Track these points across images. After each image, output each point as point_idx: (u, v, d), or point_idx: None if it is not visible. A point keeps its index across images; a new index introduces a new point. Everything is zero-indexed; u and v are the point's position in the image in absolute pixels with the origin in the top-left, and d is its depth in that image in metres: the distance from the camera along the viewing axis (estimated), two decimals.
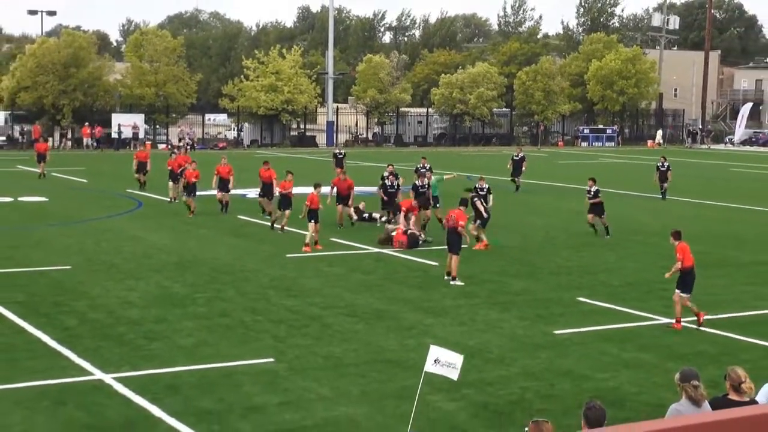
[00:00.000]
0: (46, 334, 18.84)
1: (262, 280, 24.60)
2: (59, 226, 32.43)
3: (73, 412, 14.49)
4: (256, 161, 66.61)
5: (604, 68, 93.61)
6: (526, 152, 52.06)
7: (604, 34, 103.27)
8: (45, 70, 78.68)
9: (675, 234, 20.66)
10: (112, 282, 23.91)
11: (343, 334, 19.32)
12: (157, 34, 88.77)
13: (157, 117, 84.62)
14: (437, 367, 12.39)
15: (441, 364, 12.38)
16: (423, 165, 37.54)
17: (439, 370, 12.41)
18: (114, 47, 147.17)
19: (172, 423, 14.07)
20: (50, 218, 33.95)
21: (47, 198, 41.51)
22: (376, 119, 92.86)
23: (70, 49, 79.97)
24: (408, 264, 27.15)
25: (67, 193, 44.18)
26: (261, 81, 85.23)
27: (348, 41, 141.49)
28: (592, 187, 32.30)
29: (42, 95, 78.54)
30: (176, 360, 17.34)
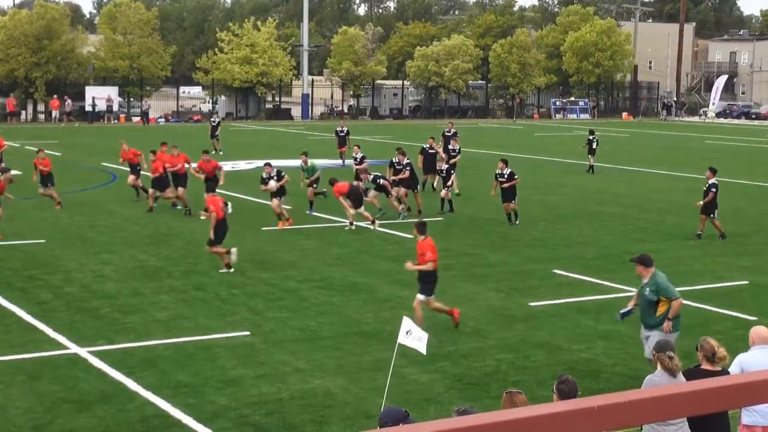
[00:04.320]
0: (20, 308, 18.77)
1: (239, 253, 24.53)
2: (33, 199, 32.21)
3: (48, 386, 14.46)
4: (230, 134, 66.52)
5: (579, 40, 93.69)
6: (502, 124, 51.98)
7: (580, 6, 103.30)
8: (17, 42, 77.99)
9: (419, 227, 17.47)
10: (86, 256, 23.82)
11: (318, 307, 19.33)
12: (131, 5, 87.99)
13: (131, 90, 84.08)
14: (409, 338, 12.41)
15: (412, 336, 12.41)
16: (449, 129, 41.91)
17: (410, 342, 12.43)
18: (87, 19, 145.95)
19: (148, 396, 14.05)
20: (23, 191, 33.66)
21: (20, 171, 41.22)
22: (352, 92, 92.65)
23: (43, 21, 79.24)
24: (384, 237, 27.16)
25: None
26: (236, 53, 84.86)
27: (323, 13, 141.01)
28: (504, 170, 29.28)
29: (14, 68, 77.89)
30: (152, 333, 17.31)
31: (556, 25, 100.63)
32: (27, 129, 70.19)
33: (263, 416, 13.37)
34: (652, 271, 14.24)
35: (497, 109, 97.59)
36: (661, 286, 14.06)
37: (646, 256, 14.62)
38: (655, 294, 14.06)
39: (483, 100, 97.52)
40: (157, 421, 13.10)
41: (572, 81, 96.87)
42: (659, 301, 14.07)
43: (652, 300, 14.09)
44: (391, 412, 9.14)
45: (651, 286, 14.11)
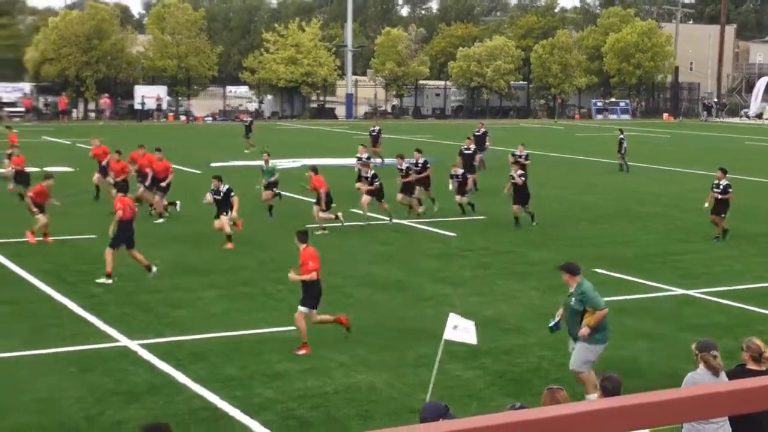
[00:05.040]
0: (72, 302, 18.98)
1: (281, 250, 24.64)
2: (84, 195, 32.55)
3: (99, 377, 14.62)
4: (275, 133, 66.75)
5: (620, 41, 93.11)
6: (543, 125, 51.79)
7: (621, 7, 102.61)
8: (68, 42, 78.75)
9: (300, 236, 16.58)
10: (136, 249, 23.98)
11: (362, 304, 19.39)
12: (179, 6, 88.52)
13: (179, 89, 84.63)
14: (456, 333, 12.46)
15: (459, 329, 12.46)
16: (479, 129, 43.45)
17: (458, 336, 12.48)
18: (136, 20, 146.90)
19: (196, 389, 14.18)
20: (75, 188, 34.06)
21: (72, 168, 41.68)
22: (395, 92, 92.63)
23: (93, 22, 79.95)
24: (427, 235, 27.17)
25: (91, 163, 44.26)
26: (281, 54, 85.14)
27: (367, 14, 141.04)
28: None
29: (65, 67, 78.65)
30: (199, 327, 17.45)
31: (597, 27, 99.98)
32: (77, 127, 70.82)
33: (308, 410, 13.45)
34: (579, 280, 13.47)
35: (538, 109, 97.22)
36: (587, 296, 13.28)
37: (573, 264, 13.85)
38: (580, 303, 13.29)
39: (524, 100, 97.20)
40: (205, 413, 13.21)
41: (613, 82, 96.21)
42: (585, 312, 13.36)
43: (578, 310, 13.33)
44: (432, 406, 9.20)
45: (577, 296, 13.34)
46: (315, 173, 27.17)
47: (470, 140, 37.26)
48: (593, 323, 13.24)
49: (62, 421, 12.92)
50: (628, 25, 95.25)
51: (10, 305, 18.82)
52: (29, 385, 14.27)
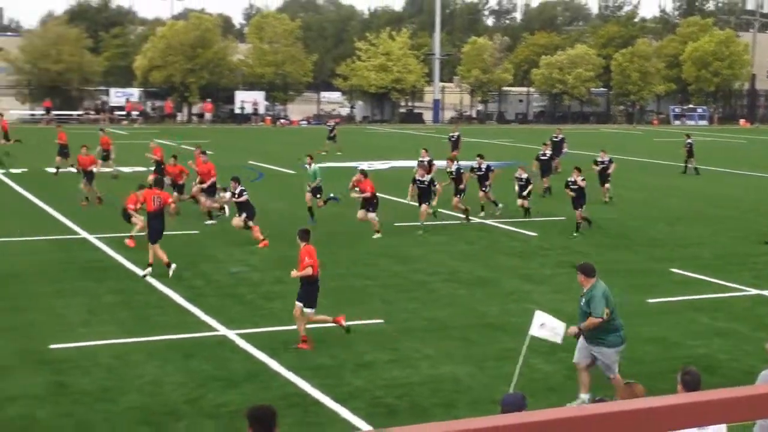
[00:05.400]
0: (175, 293, 19.28)
1: (371, 247, 24.75)
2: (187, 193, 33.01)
3: (200, 364, 14.83)
4: (366, 136, 67.02)
5: (699, 50, 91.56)
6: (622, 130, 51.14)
7: (700, 17, 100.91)
8: (174, 50, 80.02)
9: (301, 234, 16.49)
10: (234, 247, 24.30)
11: (447, 299, 19.36)
12: (277, 17, 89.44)
13: (276, 94, 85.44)
14: (543, 331, 12.40)
15: (546, 328, 12.39)
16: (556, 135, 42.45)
17: (543, 333, 12.42)
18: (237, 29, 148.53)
19: (289, 376, 14.30)
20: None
21: None
22: (480, 98, 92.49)
23: (197, 31, 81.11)
24: (509, 234, 27.03)
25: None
26: (372, 61, 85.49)
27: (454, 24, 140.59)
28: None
29: (171, 74, 79.94)
30: (293, 319, 17.55)
31: (676, 36, 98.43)
32: (181, 129, 71.92)
33: (395, 398, 13.47)
34: (593, 281, 12.99)
35: (618, 114, 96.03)
36: (593, 299, 12.79)
37: (589, 265, 13.36)
38: (587, 306, 12.88)
39: (604, 106, 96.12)
40: (298, 399, 13.31)
41: (691, 89, 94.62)
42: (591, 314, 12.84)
43: (586, 311, 12.91)
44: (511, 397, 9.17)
45: (586, 296, 12.94)
46: (365, 177, 26.53)
47: (546, 146, 36.95)
48: (584, 327, 12.84)
49: (167, 403, 13.14)
50: (706, 34, 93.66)
51: (120, 295, 19.18)
52: (138, 369, 14.54)
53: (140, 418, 12.60)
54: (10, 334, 16.23)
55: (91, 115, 79.00)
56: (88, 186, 31.03)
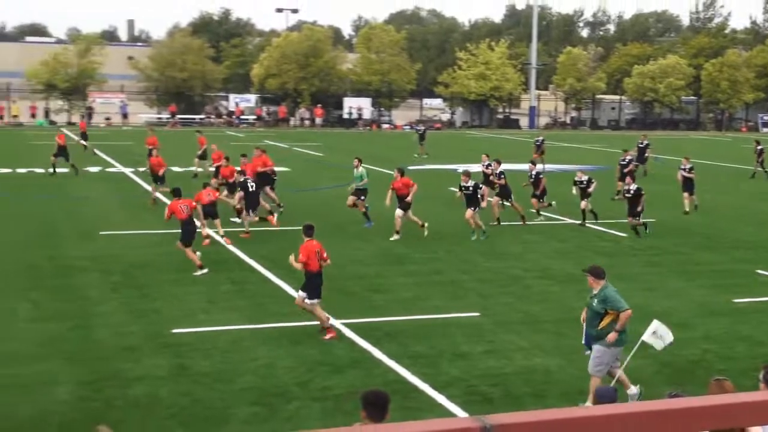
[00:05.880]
0: (286, 284, 19.48)
1: (469, 244, 24.68)
2: (299, 192, 33.41)
3: (308, 350, 14.98)
4: (465, 140, 66.83)
5: None
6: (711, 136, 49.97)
7: None
8: (288, 59, 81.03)
9: (305, 229, 16.27)
10: (342, 241, 24.46)
11: (540, 295, 19.20)
12: (384, 28, 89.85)
13: (381, 101, 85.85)
14: (652, 338, 12.28)
15: (656, 336, 12.27)
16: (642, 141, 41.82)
17: (652, 340, 12.32)
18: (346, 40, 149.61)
19: (391, 364, 14.34)
20: (292, 185, 34.99)
21: (290, 168, 42.83)
22: (574, 105, 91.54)
23: (310, 42, 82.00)
24: (600, 234, 26.67)
25: (306, 164, 45.47)
26: (472, 70, 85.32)
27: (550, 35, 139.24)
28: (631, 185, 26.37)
29: (285, 81, 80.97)
30: (395, 310, 17.64)
31: (765, 46, 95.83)
32: (294, 133, 72.74)
33: (489, 387, 13.41)
34: (603, 283, 12.49)
35: (707, 122, 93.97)
36: (609, 299, 12.28)
37: (599, 268, 12.81)
38: (602, 306, 12.32)
39: (694, 113, 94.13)
40: (398, 385, 13.33)
41: None
42: (606, 314, 12.32)
43: (599, 312, 12.34)
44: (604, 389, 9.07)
45: (599, 298, 12.37)
46: (401, 175, 25.56)
47: (627, 152, 36.25)
48: (620, 326, 12.25)
49: (278, 385, 13.30)
50: None
51: (236, 285, 19.50)
52: (252, 353, 14.75)
53: (254, 398, 12.79)
54: (139, 319, 16.64)
55: (212, 119, 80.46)
56: (157, 187, 30.65)
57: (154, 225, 26.15)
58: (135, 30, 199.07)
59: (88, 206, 28.28)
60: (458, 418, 11.85)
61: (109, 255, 21.96)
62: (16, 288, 18.78)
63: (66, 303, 17.73)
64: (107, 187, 34.86)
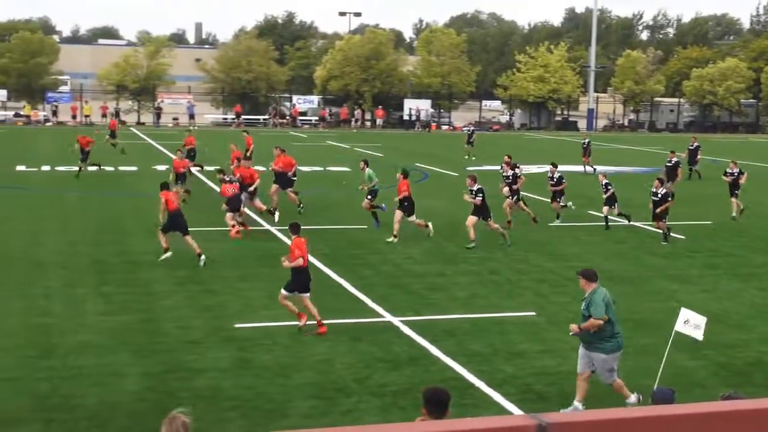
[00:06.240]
0: (346, 281, 19.55)
1: (525, 244, 24.52)
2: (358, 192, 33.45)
3: (367, 346, 15.00)
4: (524, 141, 66.45)
5: None
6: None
7: None
8: (350, 62, 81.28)
9: (291, 228, 16.40)
10: (399, 241, 24.44)
11: None
12: (444, 32, 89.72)
13: (441, 103, 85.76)
14: (686, 327, 12.06)
15: (689, 324, 12.04)
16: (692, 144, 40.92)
17: (687, 330, 12.08)
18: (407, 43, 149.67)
19: (447, 361, 14.32)
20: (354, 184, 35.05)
21: (349, 168, 42.93)
22: (632, 107, 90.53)
23: (372, 45, 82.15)
24: (657, 236, 26.31)
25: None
26: (531, 73, 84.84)
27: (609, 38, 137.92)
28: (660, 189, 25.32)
29: (347, 83, 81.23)
30: (452, 308, 17.60)
31: None
32: (355, 134, 72.96)
33: (545, 386, 13.32)
34: (594, 287, 12.11)
35: (767, 125, 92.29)
36: (592, 302, 11.95)
37: (591, 271, 12.48)
38: (587, 309, 12.01)
39: (753, 116, 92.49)
40: (455, 382, 13.29)
41: None
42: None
43: (586, 316, 12.05)
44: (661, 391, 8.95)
45: (586, 301, 12.06)
46: (404, 177, 24.79)
47: (673, 153, 35.67)
48: (584, 326, 12.01)
49: (337, 381, 13.35)
50: None
51: None
52: (311, 349, 14.82)
53: (313, 392, 12.85)
54: (203, 313, 16.81)
55: (276, 120, 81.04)
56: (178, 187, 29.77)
57: (218, 222, 26.38)
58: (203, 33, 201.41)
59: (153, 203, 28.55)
60: (515, 415, 11.77)
61: (173, 251, 22.22)
62: (88, 282, 19.11)
63: (133, 297, 17.99)
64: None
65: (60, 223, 25.83)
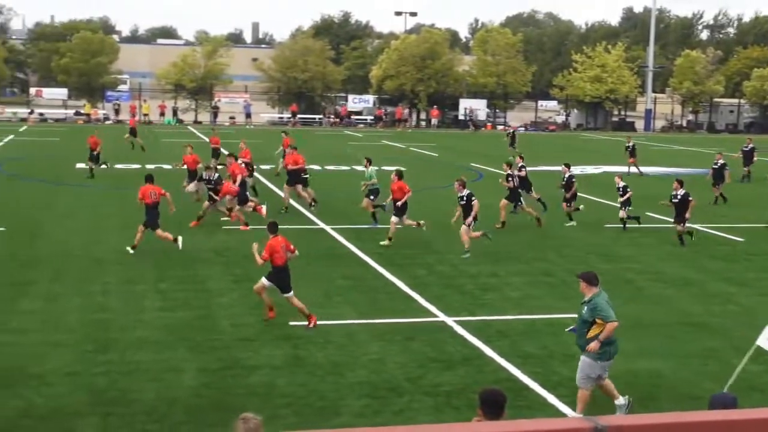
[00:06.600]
0: (400, 281, 19.57)
1: (581, 245, 24.34)
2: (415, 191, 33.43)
3: (420, 346, 15.00)
4: (581, 142, 65.91)
5: None
6: None
7: None
8: (406, 61, 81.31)
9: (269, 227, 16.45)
10: (454, 241, 24.39)
11: (652, 298, 18.80)
12: (500, 31, 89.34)
13: (497, 103, 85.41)
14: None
15: None
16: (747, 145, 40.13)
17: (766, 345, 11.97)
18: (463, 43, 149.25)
19: (501, 362, 14.26)
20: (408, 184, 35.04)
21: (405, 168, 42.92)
22: (690, 108, 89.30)
23: (427, 44, 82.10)
24: (715, 239, 25.95)
25: (421, 164, 45.55)
26: (587, 73, 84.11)
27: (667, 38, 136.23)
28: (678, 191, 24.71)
29: (403, 83, 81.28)
30: (506, 309, 17.53)
31: None
32: (409, 134, 72.94)
33: (597, 388, 13.18)
34: (595, 291, 11.74)
35: None
36: (598, 307, 11.58)
37: (592, 274, 12.07)
38: (590, 314, 11.65)
39: None
40: (509, 384, 13.23)
41: None
42: (594, 323, 11.65)
43: (587, 320, 11.69)
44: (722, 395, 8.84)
45: (589, 306, 11.68)
46: (399, 178, 24.27)
47: (720, 154, 35.02)
48: (603, 337, 11.55)
49: (389, 380, 13.36)
50: None
51: (352, 280, 19.65)
52: (365, 348, 14.86)
53: (366, 391, 12.88)
54: (259, 310, 16.93)
55: (331, 119, 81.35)
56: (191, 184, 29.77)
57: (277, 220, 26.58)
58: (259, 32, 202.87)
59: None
60: (571, 417, 11.70)
61: (231, 248, 22.44)
62: (145, 279, 19.36)
63: (190, 294, 18.19)
64: None
65: (119, 220, 26.20)
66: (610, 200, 30.37)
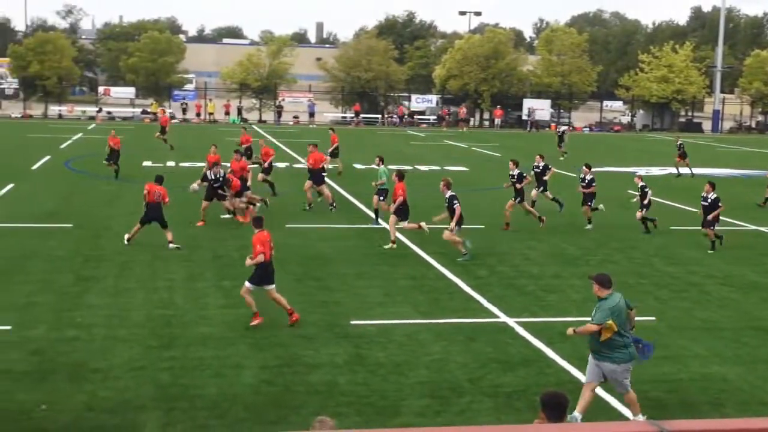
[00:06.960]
0: (462, 281, 19.51)
1: (647, 248, 24.02)
2: (477, 191, 33.34)
3: (482, 346, 14.94)
4: (646, 143, 65.06)
5: None
6: None
7: None
8: (470, 61, 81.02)
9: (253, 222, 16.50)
10: (516, 241, 24.29)
11: (719, 301, 18.48)
12: (565, 31, 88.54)
13: (561, 103, 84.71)
14: None
15: None
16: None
17: None
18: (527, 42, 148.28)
19: (563, 364, 14.15)
20: (470, 185, 34.93)
21: (467, 168, 42.84)
22: (760, 109, 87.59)
23: (491, 44, 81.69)
24: None
25: (483, 164, 45.36)
26: (654, 73, 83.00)
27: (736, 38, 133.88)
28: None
29: (466, 82, 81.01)
30: (568, 311, 17.37)
31: None
32: (470, 134, 72.69)
33: (663, 393, 13.01)
34: (607, 293, 11.58)
35: None
36: (599, 307, 11.49)
37: (605, 276, 11.85)
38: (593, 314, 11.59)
39: None
40: (571, 386, 13.08)
41: None
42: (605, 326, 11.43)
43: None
44: None
45: (596, 306, 11.64)
46: (399, 180, 23.56)
47: None
48: (580, 330, 11.74)
49: (450, 380, 13.33)
50: None
51: (412, 280, 19.64)
52: (426, 347, 14.84)
53: (427, 391, 12.86)
54: (320, 309, 17.02)
55: (393, 119, 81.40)
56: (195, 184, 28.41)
57: (338, 220, 26.70)
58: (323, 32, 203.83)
59: (274, 200, 29.08)
60: (636, 421, 11.54)
61: (292, 247, 22.57)
62: (208, 276, 19.57)
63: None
64: (293, 183, 35.76)
65: (184, 218, 26.51)
66: (676, 202, 29.94)
